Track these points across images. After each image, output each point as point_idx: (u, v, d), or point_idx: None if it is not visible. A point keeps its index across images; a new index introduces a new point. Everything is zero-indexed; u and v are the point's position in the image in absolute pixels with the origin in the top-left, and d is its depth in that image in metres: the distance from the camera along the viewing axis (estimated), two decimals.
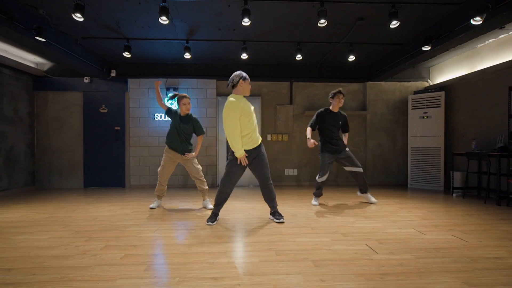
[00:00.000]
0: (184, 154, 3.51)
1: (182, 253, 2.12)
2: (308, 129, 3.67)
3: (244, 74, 2.81)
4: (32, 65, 5.23)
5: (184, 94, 3.55)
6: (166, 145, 3.55)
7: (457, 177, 4.68)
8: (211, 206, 3.58)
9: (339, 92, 3.70)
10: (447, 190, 5.01)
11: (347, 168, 3.79)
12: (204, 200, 3.70)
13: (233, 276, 1.75)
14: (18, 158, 5.02)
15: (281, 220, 2.94)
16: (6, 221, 3.05)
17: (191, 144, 3.63)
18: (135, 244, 2.31)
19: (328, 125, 3.69)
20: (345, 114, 3.84)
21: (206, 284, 1.64)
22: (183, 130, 3.48)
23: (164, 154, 3.55)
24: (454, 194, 4.59)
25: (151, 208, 3.60)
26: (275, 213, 3.00)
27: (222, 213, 3.37)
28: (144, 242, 2.35)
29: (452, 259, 1.99)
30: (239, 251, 2.17)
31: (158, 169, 3.57)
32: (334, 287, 1.61)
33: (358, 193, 4.00)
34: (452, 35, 3.54)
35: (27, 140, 5.26)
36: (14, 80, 4.97)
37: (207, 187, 3.67)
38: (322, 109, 3.78)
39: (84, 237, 2.48)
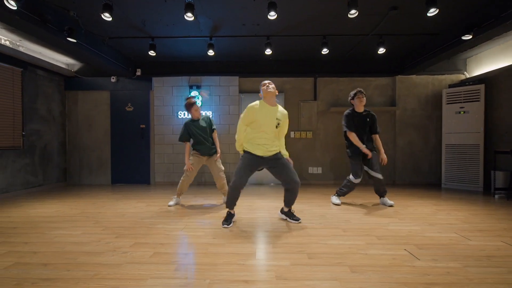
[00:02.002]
0: (210, 155, 3.58)
1: (211, 253, 2.08)
2: (353, 134, 3.46)
3: (263, 81, 2.75)
4: (64, 66, 5.44)
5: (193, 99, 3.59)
6: (193, 150, 3.63)
7: (500, 177, 4.30)
8: None
9: (359, 91, 3.46)
10: (487, 191, 4.64)
11: (365, 168, 3.55)
12: (224, 196, 3.79)
13: (266, 280, 1.67)
14: (51, 155, 5.26)
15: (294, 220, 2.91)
16: (43, 215, 3.18)
17: (214, 144, 3.66)
18: (163, 242, 2.29)
19: (356, 127, 3.48)
20: (373, 113, 3.53)
21: (239, 287, 1.58)
22: (204, 131, 3.56)
23: (191, 157, 3.62)
24: (496, 196, 4.23)
25: (169, 206, 3.62)
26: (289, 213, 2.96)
27: (247, 212, 3.32)
28: (172, 240, 2.34)
29: (508, 269, 1.79)
30: (269, 252, 2.09)
31: (185, 168, 3.57)
32: None
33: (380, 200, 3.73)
34: (498, 22, 3.23)
35: (60, 138, 5.50)
36: (48, 81, 5.20)
37: (227, 186, 3.77)
38: (349, 110, 3.54)
39: (114, 234, 2.51)
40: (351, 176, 3.56)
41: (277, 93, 2.70)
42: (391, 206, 3.55)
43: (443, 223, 2.82)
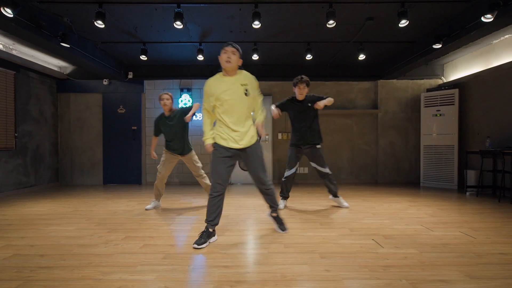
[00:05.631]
0: (182, 155, 3.38)
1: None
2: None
3: (225, 47, 2.21)
4: (56, 69, 5.55)
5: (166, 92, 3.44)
6: (164, 148, 3.46)
7: (471, 176, 4.61)
8: None
9: (298, 81, 3.17)
10: (461, 189, 4.95)
11: (313, 165, 3.38)
12: None
13: (243, 265, 1.87)
14: (43, 156, 5.36)
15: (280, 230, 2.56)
16: (36, 213, 3.31)
17: (189, 143, 3.45)
18: (153, 236, 2.48)
19: (293, 115, 3.31)
20: (312, 94, 3.28)
21: (218, 271, 1.78)
22: (172, 129, 3.34)
23: (163, 154, 3.47)
24: (467, 193, 4.54)
25: (146, 209, 3.46)
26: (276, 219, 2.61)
27: (234, 209, 3.51)
28: (161, 234, 2.52)
29: (458, 254, 2.04)
30: (249, 243, 2.30)
31: (158, 166, 3.46)
32: (338, 276, 1.70)
33: (330, 197, 3.61)
34: (463, 32, 3.52)
35: (51, 139, 5.60)
36: (40, 83, 5.31)
37: (210, 182, 3.43)
38: (290, 97, 3.35)
39: (106, 229, 2.68)
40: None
41: (240, 64, 2.27)
42: (346, 207, 3.47)
43: (412, 217, 3.07)
